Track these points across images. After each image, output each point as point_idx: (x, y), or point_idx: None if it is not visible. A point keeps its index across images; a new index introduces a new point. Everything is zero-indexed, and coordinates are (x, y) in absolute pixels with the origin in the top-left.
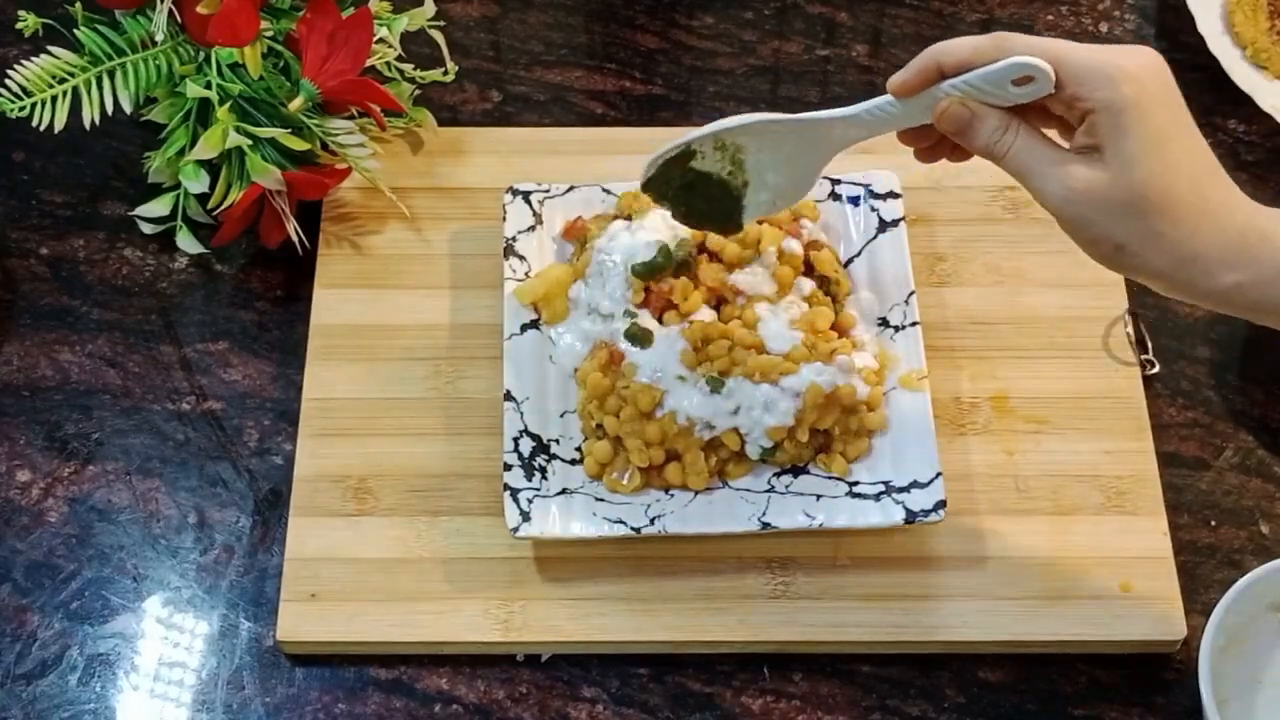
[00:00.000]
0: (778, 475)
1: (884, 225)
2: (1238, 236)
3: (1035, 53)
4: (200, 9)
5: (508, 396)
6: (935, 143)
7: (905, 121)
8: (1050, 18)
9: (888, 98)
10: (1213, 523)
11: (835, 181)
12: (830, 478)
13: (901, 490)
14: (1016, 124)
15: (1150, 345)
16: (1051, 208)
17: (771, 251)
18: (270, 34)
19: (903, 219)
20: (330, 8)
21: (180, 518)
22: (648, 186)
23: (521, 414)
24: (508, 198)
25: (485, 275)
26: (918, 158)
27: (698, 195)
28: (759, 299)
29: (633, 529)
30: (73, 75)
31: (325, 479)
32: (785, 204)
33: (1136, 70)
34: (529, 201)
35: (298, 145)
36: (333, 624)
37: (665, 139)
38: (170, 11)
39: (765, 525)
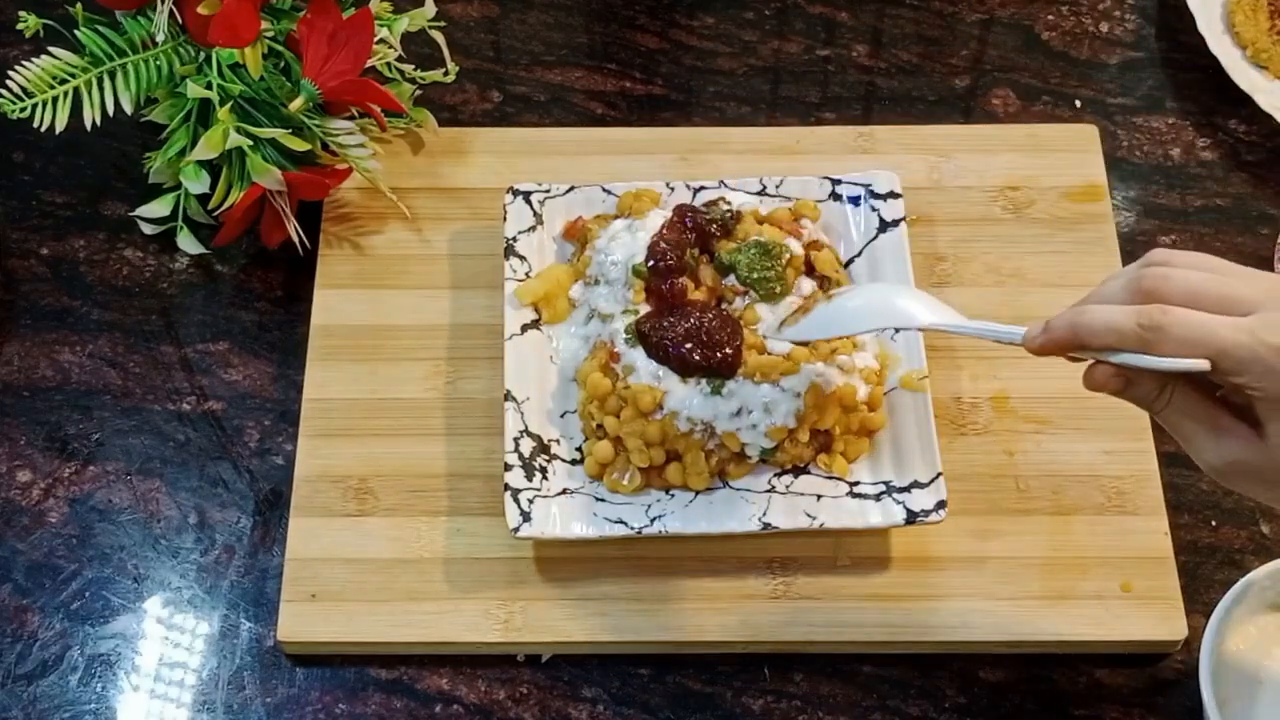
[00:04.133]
0: (778, 475)
1: (884, 225)
2: None
3: (1192, 340)
4: (201, 9)
5: (508, 397)
6: None
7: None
8: (1050, 18)
9: (1016, 331)
10: (1213, 523)
11: (836, 182)
12: (831, 478)
13: (902, 490)
14: (1172, 385)
15: None
16: (1205, 468)
17: None
18: (271, 34)
19: (903, 219)
20: (331, 8)
21: (181, 518)
22: None
23: (522, 414)
24: (508, 198)
25: (486, 275)
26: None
27: None
28: (759, 299)
29: (633, 529)
30: (73, 76)
31: (326, 479)
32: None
33: None
34: (529, 202)
35: (298, 146)
36: (333, 624)
37: (665, 139)
38: (171, 12)
39: (766, 525)
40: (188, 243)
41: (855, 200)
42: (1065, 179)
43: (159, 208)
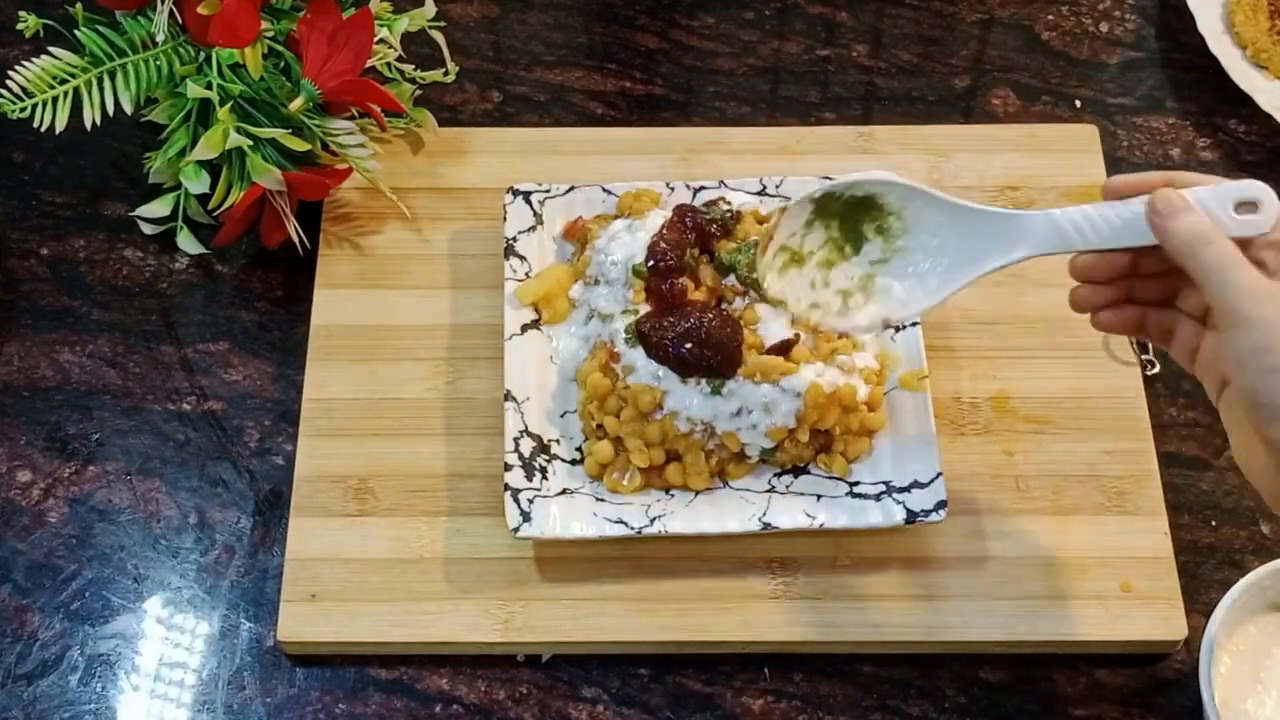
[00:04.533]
0: (778, 475)
1: None
2: None
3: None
4: (201, 9)
5: (508, 397)
6: (1115, 297)
7: (1094, 242)
8: (1050, 18)
9: (1085, 208)
10: (1213, 523)
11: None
12: (831, 478)
13: (902, 490)
14: (1222, 233)
15: (1151, 345)
16: (1233, 309)
17: None
18: (271, 34)
19: None
20: (331, 8)
21: (181, 518)
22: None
23: (522, 414)
24: (508, 198)
25: (486, 275)
26: (1094, 324)
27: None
28: (759, 299)
29: (633, 529)
30: (73, 76)
31: (326, 479)
32: (915, 307)
33: None
34: (529, 201)
35: (298, 145)
36: (333, 624)
37: (665, 139)
38: (171, 12)
39: (766, 525)
40: (188, 243)
41: None
42: (1065, 179)
43: (159, 208)
